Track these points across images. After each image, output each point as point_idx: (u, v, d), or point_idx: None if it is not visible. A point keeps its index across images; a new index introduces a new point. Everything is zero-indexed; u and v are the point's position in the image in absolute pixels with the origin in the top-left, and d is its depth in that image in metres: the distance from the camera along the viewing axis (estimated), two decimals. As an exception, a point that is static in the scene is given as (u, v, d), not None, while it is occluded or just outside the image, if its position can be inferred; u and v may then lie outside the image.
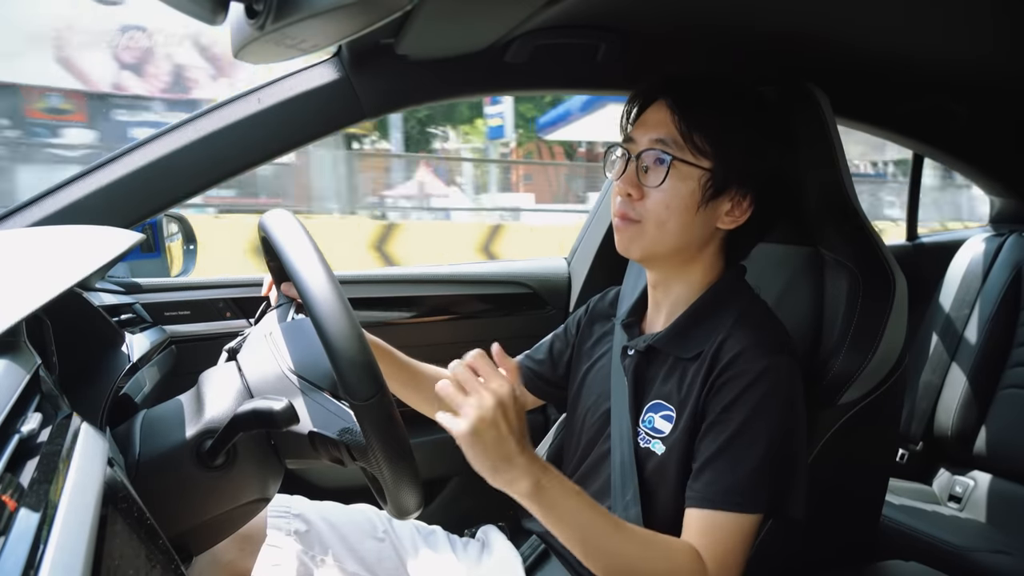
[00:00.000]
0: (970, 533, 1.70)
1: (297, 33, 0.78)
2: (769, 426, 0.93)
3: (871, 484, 1.24)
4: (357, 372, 0.73)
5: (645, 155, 1.01)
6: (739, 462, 0.93)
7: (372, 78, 1.22)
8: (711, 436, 0.95)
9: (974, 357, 1.92)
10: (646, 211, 1.01)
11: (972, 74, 1.59)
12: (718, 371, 0.97)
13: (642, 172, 1.02)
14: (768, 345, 0.97)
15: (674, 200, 1.00)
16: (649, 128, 1.02)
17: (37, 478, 0.45)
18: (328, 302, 0.74)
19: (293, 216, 0.84)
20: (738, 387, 0.94)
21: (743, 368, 0.95)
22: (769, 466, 0.93)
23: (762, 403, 0.93)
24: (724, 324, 1.00)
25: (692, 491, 0.95)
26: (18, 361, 0.54)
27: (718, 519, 0.92)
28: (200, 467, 0.81)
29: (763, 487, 0.93)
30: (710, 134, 0.99)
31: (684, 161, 0.99)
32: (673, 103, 1.01)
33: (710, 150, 0.99)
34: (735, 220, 1.03)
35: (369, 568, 1.13)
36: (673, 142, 0.99)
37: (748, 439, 0.93)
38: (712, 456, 0.94)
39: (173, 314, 1.52)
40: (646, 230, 1.01)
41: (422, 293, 1.76)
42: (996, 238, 2.03)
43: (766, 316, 1.06)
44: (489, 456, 0.82)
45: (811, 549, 1.12)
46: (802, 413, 0.98)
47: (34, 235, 0.94)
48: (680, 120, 0.99)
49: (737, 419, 0.94)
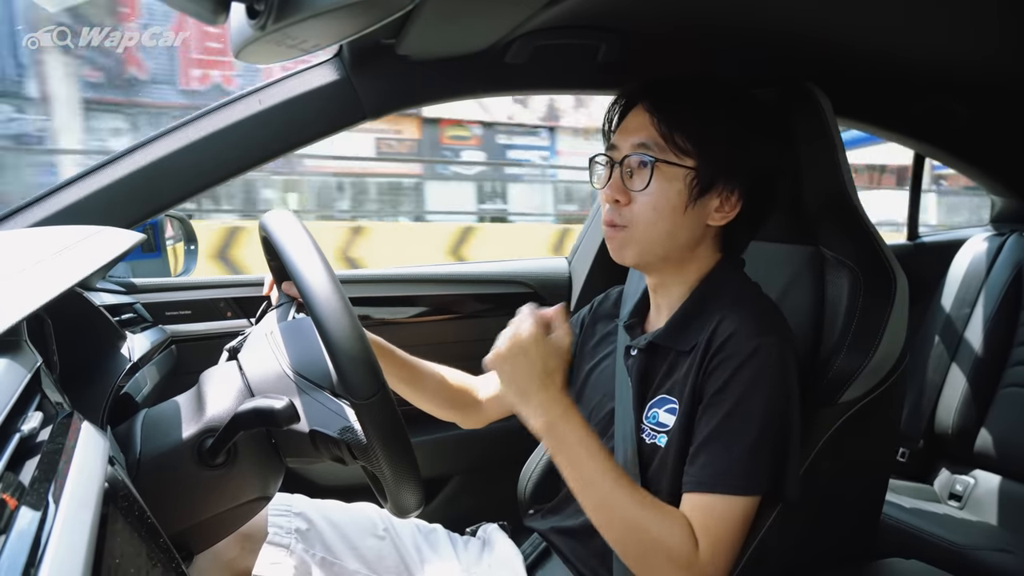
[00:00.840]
0: (971, 531, 1.69)
1: (298, 33, 0.78)
2: (762, 406, 0.93)
3: (871, 482, 1.23)
4: (358, 371, 0.73)
5: (628, 160, 1.02)
6: (733, 444, 0.93)
7: (373, 78, 1.23)
8: (706, 418, 0.96)
9: (975, 356, 1.92)
10: (634, 216, 1.01)
11: (973, 74, 1.59)
12: (711, 354, 0.97)
13: (627, 177, 1.02)
14: (759, 325, 0.97)
15: (661, 202, 1.00)
16: (630, 133, 1.02)
17: (38, 477, 0.45)
18: (329, 301, 0.74)
19: (294, 216, 0.84)
20: (730, 368, 0.95)
21: (734, 349, 0.95)
22: (763, 447, 0.93)
23: (754, 383, 0.94)
24: (718, 311, 1.00)
25: (688, 475, 0.95)
26: (19, 360, 0.54)
27: (713, 502, 0.92)
28: (201, 466, 0.81)
29: (758, 469, 0.93)
30: (690, 132, 0.99)
31: (667, 162, 0.99)
32: (651, 106, 1.01)
33: (692, 149, 0.99)
34: (725, 216, 1.03)
35: (370, 566, 1.13)
36: (655, 144, 1.00)
37: (741, 420, 0.93)
38: (706, 439, 0.95)
39: (174, 314, 1.52)
40: (636, 235, 1.02)
41: (423, 292, 1.76)
42: (997, 237, 2.03)
43: (758, 298, 1.06)
44: (515, 380, 0.95)
45: (811, 547, 1.12)
46: (795, 392, 0.98)
47: (36, 235, 0.94)
48: (659, 122, 1.00)
49: (730, 400, 0.94)
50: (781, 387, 0.95)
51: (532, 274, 1.88)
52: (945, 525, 1.67)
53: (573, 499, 1.13)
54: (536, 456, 1.42)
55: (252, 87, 1.21)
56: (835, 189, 1.18)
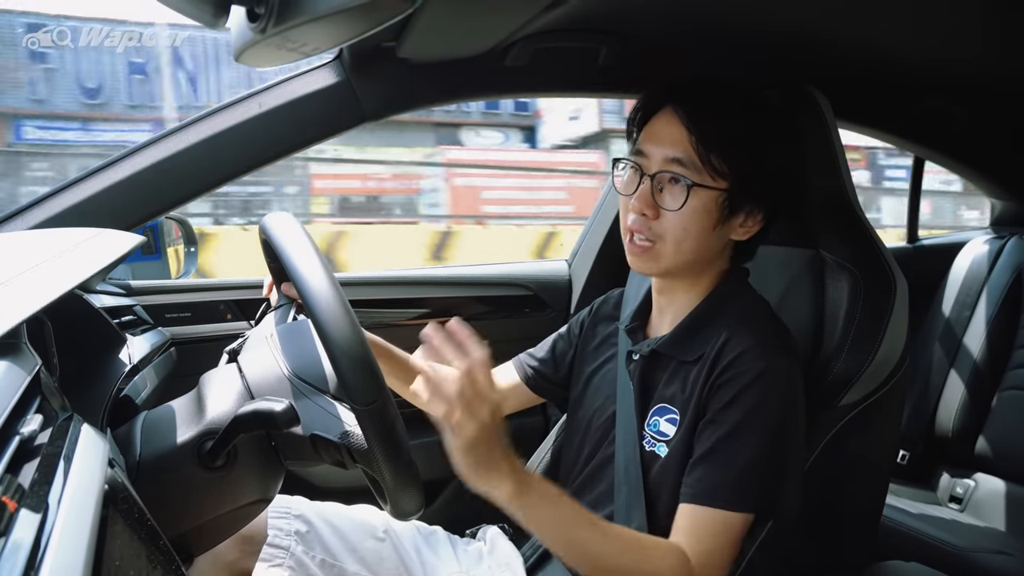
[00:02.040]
0: (971, 534, 1.69)
1: (299, 36, 0.78)
2: (764, 428, 0.93)
3: (872, 485, 1.23)
4: (359, 376, 0.73)
5: (661, 175, 0.99)
6: (731, 461, 0.93)
7: (373, 81, 1.23)
8: (707, 434, 0.96)
9: (975, 359, 1.92)
10: (664, 231, 0.99)
11: (972, 76, 1.59)
12: (719, 371, 0.97)
13: (657, 192, 1.00)
14: (768, 346, 0.97)
15: (692, 222, 0.98)
16: (663, 144, 0.99)
17: (38, 479, 0.45)
18: (329, 304, 0.74)
19: (294, 218, 0.84)
20: (736, 387, 0.94)
21: (743, 369, 0.95)
22: (760, 467, 0.93)
23: (759, 404, 0.93)
24: (726, 325, 1.00)
25: (685, 486, 0.96)
26: (19, 362, 0.54)
27: (706, 515, 0.92)
28: (201, 468, 0.81)
29: (752, 488, 0.93)
30: (728, 156, 0.97)
31: (703, 186, 0.97)
32: (688, 119, 0.98)
33: (728, 171, 0.98)
34: (748, 231, 1.03)
35: (370, 568, 1.13)
36: (691, 163, 0.97)
37: (742, 439, 0.93)
38: (705, 453, 0.95)
39: (174, 316, 1.52)
40: (664, 252, 1.00)
41: (422, 295, 1.76)
42: (997, 240, 2.03)
43: (768, 317, 1.05)
44: (480, 466, 0.82)
45: (812, 550, 1.12)
46: (800, 416, 0.98)
47: (36, 237, 0.94)
48: (697, 141, 0.97)
49: (733, 419, 0.94)
50: (786, 409, 0.95)
51: (532, 277, 1.88)
52: (946, 528, 1.67)
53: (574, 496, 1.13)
54: (537, 457, 1.42)
55: (252, 89, 1.21)
56: (835, 192, 1.18)
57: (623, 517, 1.03)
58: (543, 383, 1.29)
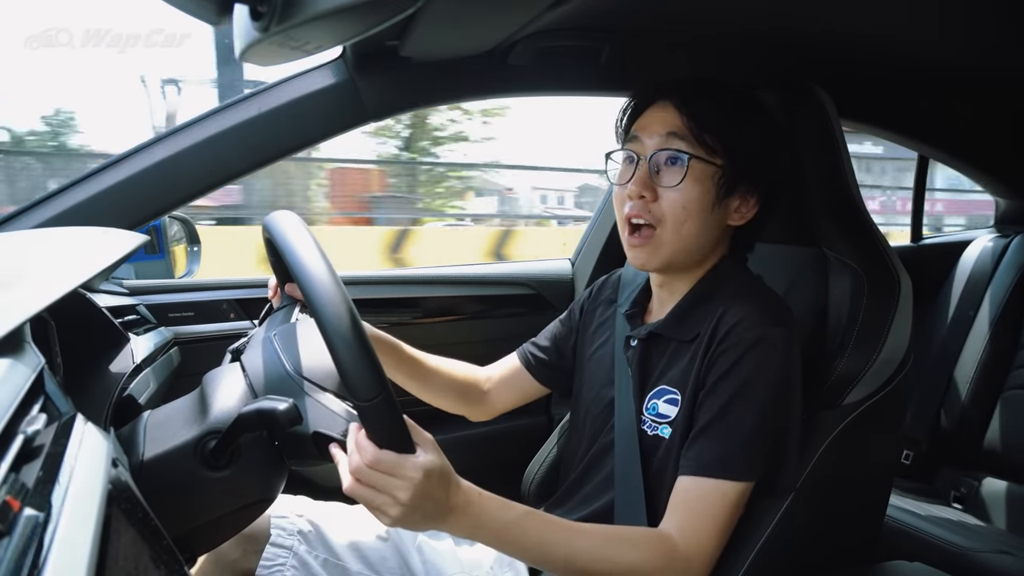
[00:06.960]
0: (974, 534, 1.69)
1: (302, 35, 0.78)
2: (763, 395, 0.94)
3: (875, 484, 1.23)
4: (360, 373, 0.73)
5: (658, 155, 1.01)
6: (731, 431, 0.93)
7: (376, 80, 1.22)
8: (707, 405, 0.96)
9: (979, 358, 1.92)
10: (663, 213, 1.01)
11: (976, 74, 1.59)
12: (716, 342, 0.97)
13: (654, 174, 1.02)
14: (764, 316, 0.97)
15: (691, 200, 1.00)
16: (658, 127, 1.02)
17: (41, 479, 0.45)
18: (332, 303, 0.74)
19: (297, 217, 0.84)
20: (733, 356, 0.95)
21: (739, 338, 0.95)
22: (761, 435, 0.93)
23: (756, 373, 0.94)
24: (722, 303, 1.01)
25: (684, 459, 0.96)
26: (22, 361, 0.54)
27: (707, 486, 0.93)
28: (204, 468, 0.81)
29: (754, 456, 0.93)
30: (720, 133, 0.99)
31: (700, 159, 0.99)
32: (680, 104, 1.01)
33: (721, 148, 1.00)
34: (743, 217, 1.05)
35: (373, 568, 1.13)
36: (687, 137, 1.00)
37: (741, 408, 0.93)
38: (706, 425, 0.95)
39: (177, 315, 1.52)
40: (664, 238, 1.01)
41: (426, 294, 1.76)
42: (1001, 239, 2.03)
43: (763, 290, 1.06)
44: (424, 523, 0.80)
45: (815, 549, 1.11)
46: (797, 384, 0.98)
47: (39, 236, 0.94)
48: (690, 120, 0.99)
49: (731, 388, 0.94)
50: (783, 377, 0.96)
51: (535, 276, 1.88)
52: (949, 527, 1.67)
53: (575, 490, 1.13)
54: (540, 455, 1.41)
55: (255, 88, 1.21)
56: (838, 190, 1.18)
57: (623, 503, 1.04)
58: (546, 370, 1.29)
